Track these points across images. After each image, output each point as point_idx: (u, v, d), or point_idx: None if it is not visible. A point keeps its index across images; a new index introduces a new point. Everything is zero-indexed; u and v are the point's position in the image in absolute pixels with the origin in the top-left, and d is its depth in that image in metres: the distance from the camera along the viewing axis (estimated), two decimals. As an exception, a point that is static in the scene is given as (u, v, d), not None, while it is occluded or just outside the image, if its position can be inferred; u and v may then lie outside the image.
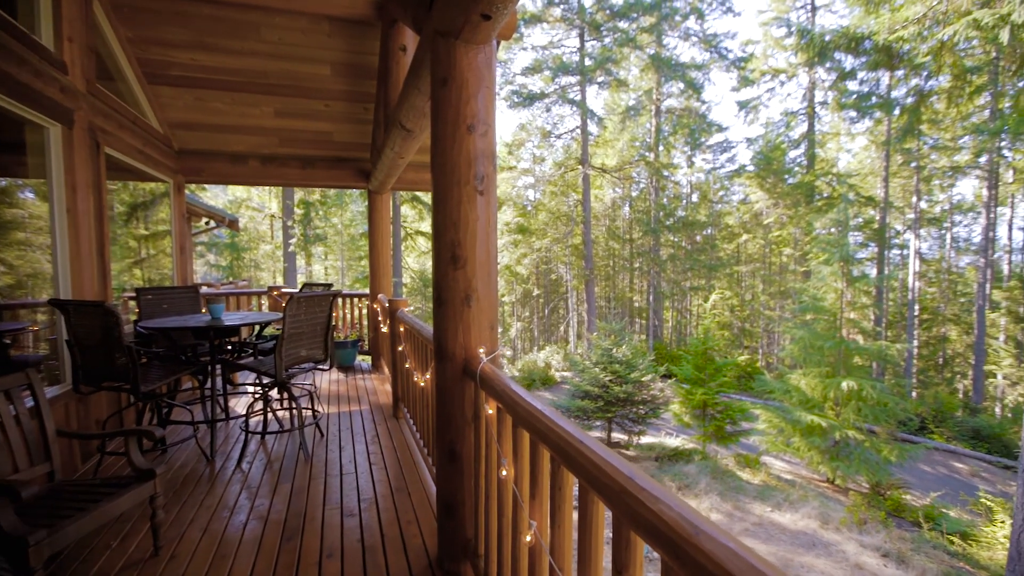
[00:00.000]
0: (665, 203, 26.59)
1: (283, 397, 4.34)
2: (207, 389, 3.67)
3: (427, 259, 26.27)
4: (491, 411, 1.67)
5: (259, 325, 4.12)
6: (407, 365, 3.70)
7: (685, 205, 28.81)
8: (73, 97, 3.17)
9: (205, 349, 3.73)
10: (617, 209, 30.03)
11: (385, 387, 5.52)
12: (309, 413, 4.29)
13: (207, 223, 10.65)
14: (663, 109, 25.22)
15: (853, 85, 20.38)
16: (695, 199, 29.34)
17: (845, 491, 9.98)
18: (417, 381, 3.26)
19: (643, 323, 28.60)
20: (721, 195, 28.85)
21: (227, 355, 3.81)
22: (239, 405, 4.80)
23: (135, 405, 3.34)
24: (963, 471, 12.52)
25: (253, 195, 24.43)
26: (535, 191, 28.42)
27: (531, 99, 23.10)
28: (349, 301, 7.52)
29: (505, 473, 1.50)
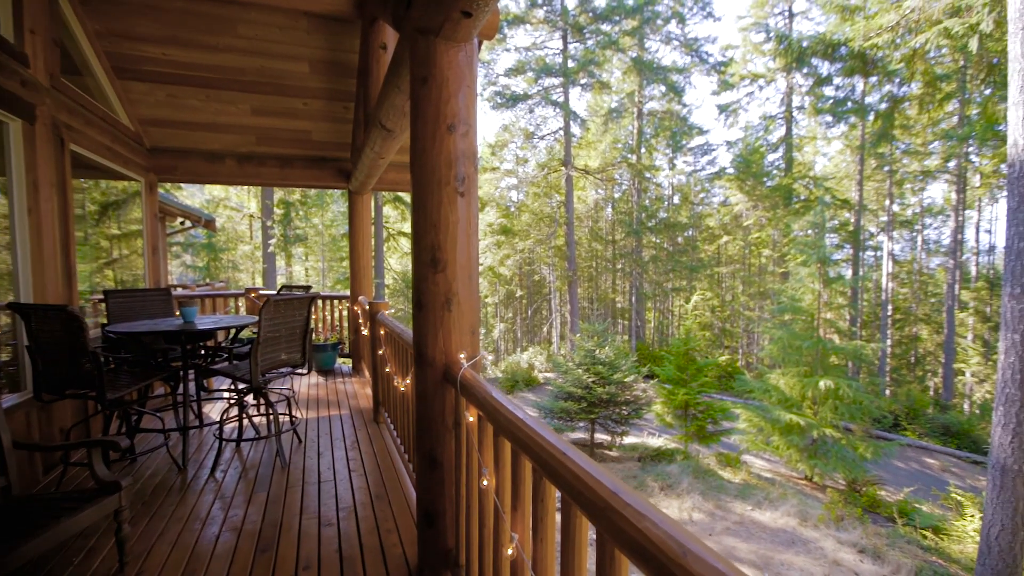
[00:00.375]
0: (647, 205, 26.85)
1: (259, 403, 4.23)
2: (179, 395, 3.55)
3: (410, 260, 26.03)
4: (472, 418, 1.63)
5: (234, 329, 4.01)
6: (387, 369, 3.63)
7: (667, 207, 29.12)
8: (35, 91, 3.03)
9: (177, 354, 3.60)
10: (600, 210, 30.22)
11: (366, 391, 5.43)
12: (287, 419, 4.19)
13: (182, 223, 10.37)
14: (645, 112, 25.47)
15: (829, 90, 20.88)
16: (676, 201, 29.69)
17: (823, 488, 10.18)
18: (397, 386, 3.20)
19: (625, 324, 28.82)
20: (702, 197, 29.25)
21: (200, 360, 3.69)
22: (214, 411, 4.66)
23: (102, 413, 3.21)
24: (934, 467, 12.87)
25: (231, 194, 23.89)
26: (518, 192, 28.45)
27: (514, 100, 23.11)
28: (329, 303, 7.39)
29: (486, 483, 1.46)
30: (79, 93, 3.66)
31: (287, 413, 4.05)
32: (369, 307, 4.40)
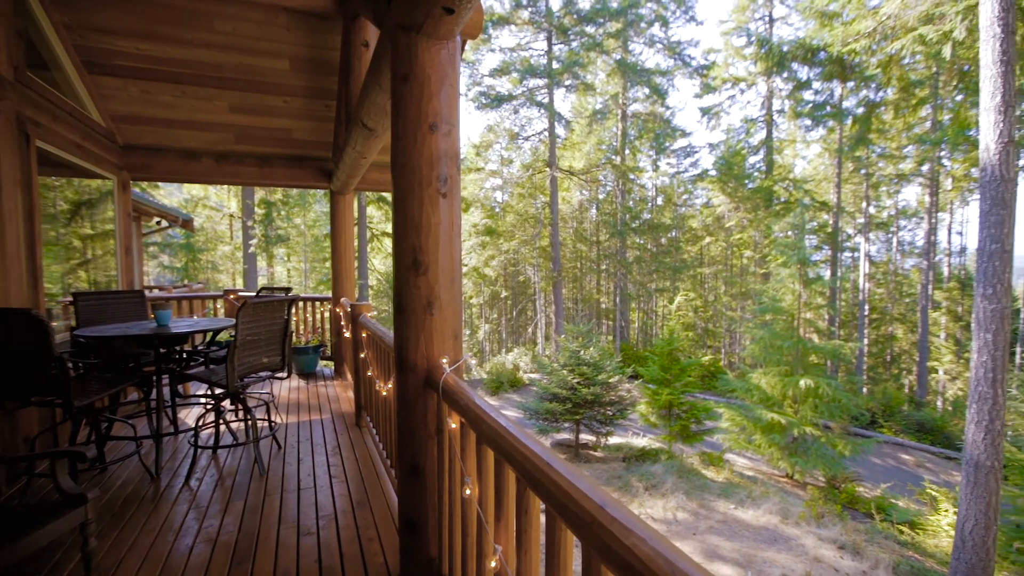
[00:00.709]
0: (631, 206, 27.04)
1: (237, 408, 4.12)
2: (152, 401, 3.43)
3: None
4: (454, 425, 1.59)
5: (211, 332, 3.90)
6: (369, 373, 3.56)
7: (650, 208, 29.38)
8: (-3, 85, 2.90)
9: (150, 359, 3.48)
10: (584, 211, 30.36)
11: (348, 394, 5.34)
12: (265, 424, 4.08)
13: (158, 223, 10.11)
14: (629, 113, 25.65)
15: (808, 95, 21.28)
16: (660, 202, 29.97)
17: (803, 486, 10.34)
18: (380, 390, 3.13)
19: (610, 324, 28.98)
20: (685, 199, 29.57)
21: (175, 365, 3.57)
22: (189, 417, 4.53)
23: (70, 421, 3.08)
24: (909, 462, 13.19)
25: (211, 193, 23.39)
26: (503, 193, 28.42)
27: (499, 101, 23.07)
28: (311, 305, 7.26)
29: (469, 492, 1.42)
30: (46, 88, 3.52)
31: (266, 418, 3.95)
32: (351, 309, 4.33)
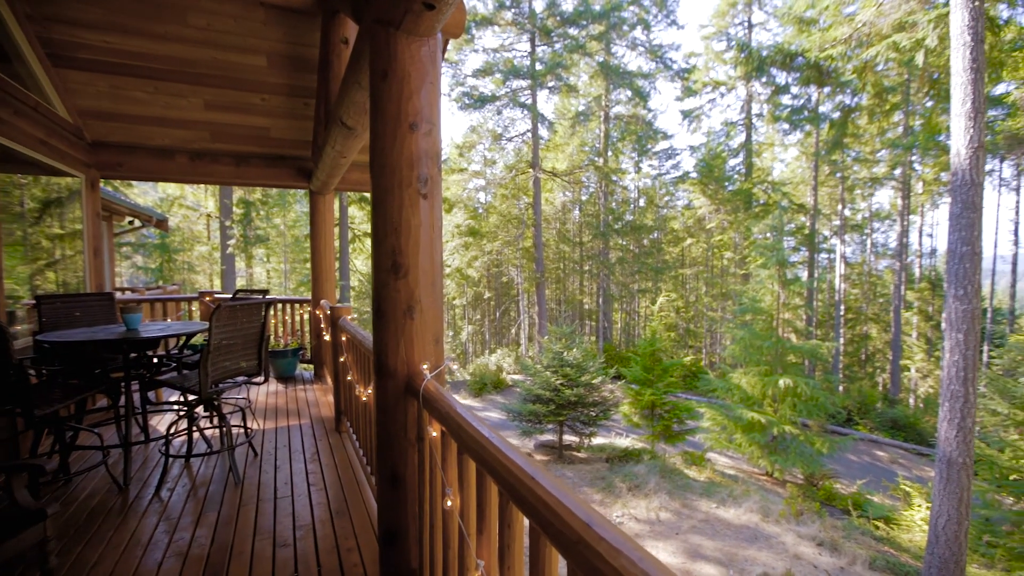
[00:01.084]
0: (614, 207, 27.23)
1: (211, 414, 3.99)
2: (121, 408, 3.30)
3: (376, 262, 25.49)
4: (435, 434, 1.54)
5: (184, 336, 3.77)
6: (349, 377, 3.48)
7: (633, 209, 29.62)
8: (-48, 78, 2.75)
9: (119, 364, 3.35)
10: (567, 212, 30.46)
11: (328, 399, 5.23)
12: (241, 431, 3.97)
13: (131, 222, 9.81)
14: (611, 115, 25.82)
15: (786, 99, 21.69)
16: (642, 204, 30.23)
17: (783, 483, 10.50)
18: (360, 394, 3.06)
19: (593, 325, 29.11)
20: (667, 200, 29.87)
21: (145, 370, 3.44)
22: (162, 424, 4.37)
23: (32, 431, 2.94)
24: (884, 458, 13.52)
25: (187, 193, 22.83)
26: (486, 194, 28.33)
27: (482, 101, 22.99)
28: (290, 307, 7.10)
29: (450, 504, 1.37)
30: (7, 81, 3.37)
31: (242, 424, 3.83)
32: (331, 312, 4.23)
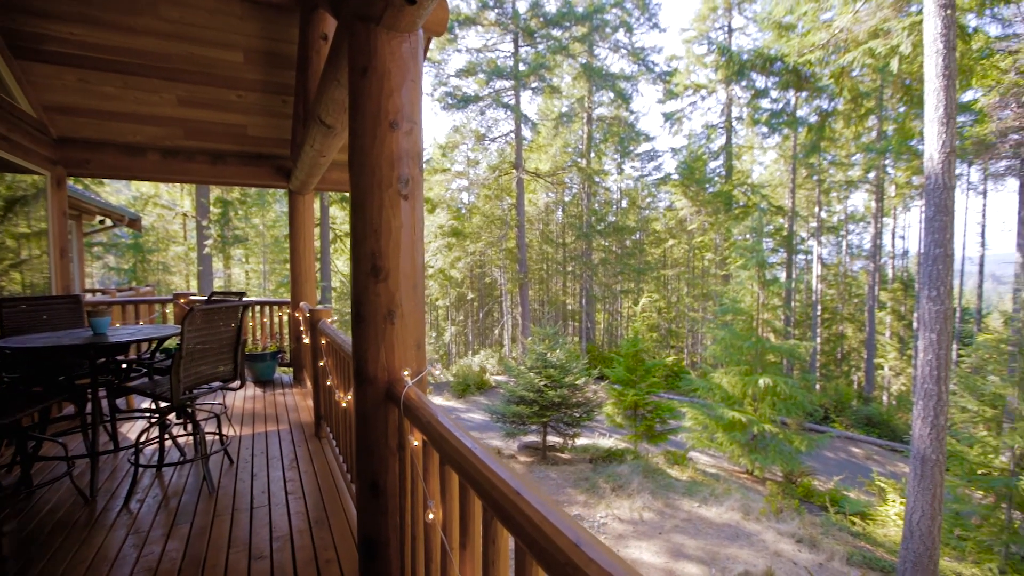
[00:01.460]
0: (596, 208, 27.39)
1: (185, 422, 3.86)
2: (88, 416, 3.16)
3: (358, 262, 25.20)
4: (416, 443, 1.49)
5: (156, 340, 3.63)
6: (329, 382, 3.40)
7: (615, 210, 29.84)
8: (-97, 68, 2.60)
9: (85, 370, 3.21)
10: (551, 213, 30.55)
11: (307, 403, 5.11)
12: (216, 438, 3.84)
13: (102, 221, 9.48)
14: (594, 117, 25.98)
15: (765, 103, 22.07)
16: (624, 205, 30.48)
17: (763, 481, 10.66)
18: (340, 400, 2.98)
19: (576, 325, 29.24)
20: (649, 202, 30.18)
21: (113, 376, 3.30)
22: (132, 432, 4.22)
23: (-10, 440, 2.80)
24: (859, 455, 13.83)
25: (162, 191, 22.23)
26: (469, 194, 28.26)
27: (465, 101, 22.89)
28: (269, 309, 6.95)
29: (432, 516, 1.32)
30: (-36, 73, 3.20)
31: (217, 431, 3.71)
32: (311, 314, 4.14)
